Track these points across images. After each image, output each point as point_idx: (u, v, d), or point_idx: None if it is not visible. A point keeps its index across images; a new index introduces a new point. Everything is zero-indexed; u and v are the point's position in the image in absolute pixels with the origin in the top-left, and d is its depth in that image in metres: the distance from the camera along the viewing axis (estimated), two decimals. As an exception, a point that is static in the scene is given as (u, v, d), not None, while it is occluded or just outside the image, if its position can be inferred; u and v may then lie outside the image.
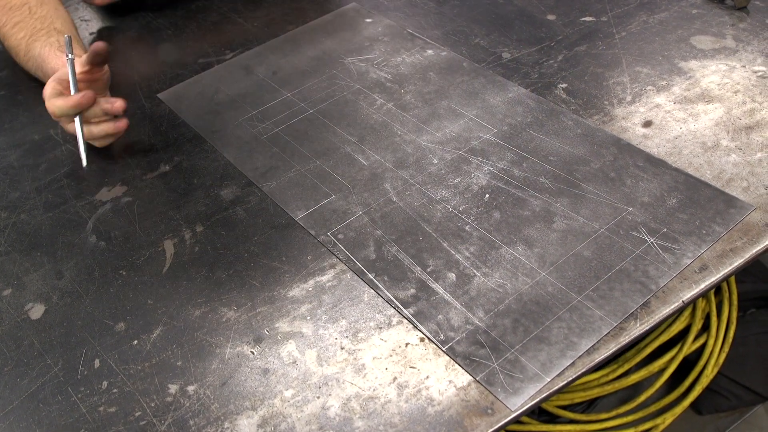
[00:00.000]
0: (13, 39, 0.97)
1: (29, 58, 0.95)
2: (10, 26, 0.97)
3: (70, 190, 0.84)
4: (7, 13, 0.98)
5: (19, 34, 0.96)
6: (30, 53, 0.95)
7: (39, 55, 0.93)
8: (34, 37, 0.94)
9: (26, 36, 0.95)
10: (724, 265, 0.65)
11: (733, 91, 0.84)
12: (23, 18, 0.96)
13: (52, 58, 0.91)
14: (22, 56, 0.97)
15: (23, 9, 0.97)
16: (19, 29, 0.96)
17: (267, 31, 1.09)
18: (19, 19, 0.96)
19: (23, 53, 0.96)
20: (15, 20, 0.96)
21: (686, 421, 1.33)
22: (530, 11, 1.04)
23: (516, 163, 0.78)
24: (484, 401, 0.58)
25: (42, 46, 0.93)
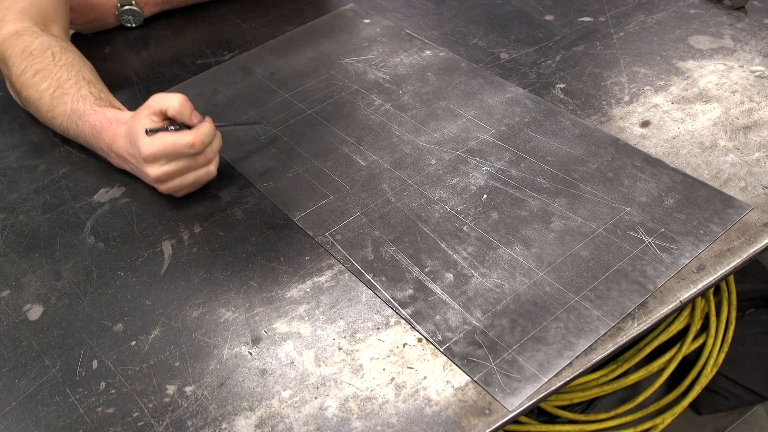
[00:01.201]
0: (34, 90, 0.85)
1: (56, 114, 0.84)
2: (30, 74, 0.85)
3: (69, 191, 0.84)
4: (26, 59, 0.86)
5: (42, 85, 0.84)
6: (58, 108, 0.84)
7: (73, 111, 0.82)
8: (61, 90, 0.83)
9: (51, 87, 0.84)
10: (721, 265, 0.65)
11: (730, 91, 0.84)
12: (46, 65, 0.85)
13: (91, 113, 0.80)
14: (45, 111, 0.85)
15: (46, 54, 0.86)
16: (41, 78, 0.85)
17: (265, 32, 1.09)
18: (42, 67, 0.85)
19: (47, 107, 0.85)
20: (36, 67, 0.85)
21: (685, 421, 1.33)
22: (528, 12, 1.04)
23: (514, 163, 0.79)
24: (481, 401, 0.58)
25: (74, 100, 0.82)
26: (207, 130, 0.74)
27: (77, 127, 0.82)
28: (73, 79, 0.84)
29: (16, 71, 0.87)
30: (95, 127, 0.80)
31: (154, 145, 0.72)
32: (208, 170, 0.77)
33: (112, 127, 0.78)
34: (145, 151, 0.72)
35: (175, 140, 0.72)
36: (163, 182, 0.76)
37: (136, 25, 1.13)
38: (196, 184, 0.78)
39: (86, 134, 0.82)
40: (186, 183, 0.76)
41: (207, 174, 0.77)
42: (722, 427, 1.34)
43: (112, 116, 0.79)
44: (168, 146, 0.72)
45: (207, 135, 0.74)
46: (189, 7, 1.17)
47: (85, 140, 0.84)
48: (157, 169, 0.74)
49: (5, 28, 0.89)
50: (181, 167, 0.74)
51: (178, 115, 0.73)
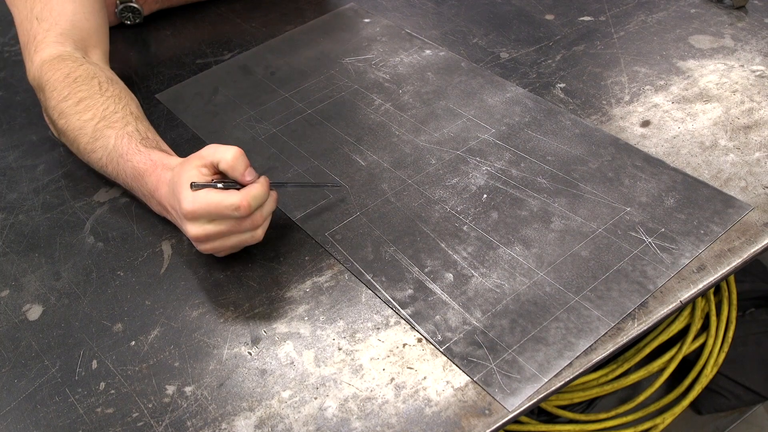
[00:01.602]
0: (76, 119, 0.78)
1: (96, 148, 0.77)
2: (73, 102, 0.78)
3: (68, 191, 0.84)
4: (70, 85, 0.79)
5: (86, 114, 0.77)
6: (99, 141, 0.76)
7: (115, 148, 0.75)
8: (106, 123, 0.76)
9: (95, 118, 0.77)
10: (722, 265, 0.65)
11: (731, 91, 0.84)
12: (92, 94, 0.79)
13: (135, 153, 0.73)
14: (84, 142, 0.78)
15: (92, 83, 0.80)
16: (85, 108, 0.78)
17: (265, 31, 1.09)
18: (87, 95, 0.79)
19: (88, 139, 0.77)
20: (81, 95, 0.79)
21: (686, 421, 1.33)
22: (528, 11, 1.04)
23: (514, 163, 0.78)
24: (481, 402, 0.58)
25: (118, 135, 0.75)
26: (257, 193, 0.66)
27: (117, 165, 0.75)
28: (120, 112, 0.78)
29: (57, 97, 0.80)
30: (138, 170, 0.73)
31: (197, 203, 0.65)
32: (254, 235, 0.69)
33: (156, 171, 0.71)
34: (186, 207, 0.65)
35: (219, 200, 0.64)
36: (202, 242, 0.68)
37: (136, 22, 1.12)
38: (239, 248, 0.71)
39: (127, 175, 0.75)
40: (227, 245, 0.69)
41: (252, 238, 0.69)
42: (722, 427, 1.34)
43: (158, 160, 0.72)
44: (211, 206, 0.64)
45: (256, 198, 0.66)
46: (189, 7, 1.17)
47: (124, 181, 0.77)
48: (198, 228, 0.66)
49: (46, 51, 0.83)
50: (223, 229, 0.67)
51: (230, 170, 0.66)
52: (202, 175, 0.66)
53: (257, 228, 0.68)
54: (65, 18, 0.85)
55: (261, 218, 0.68)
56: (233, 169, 0.66)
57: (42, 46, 0.84)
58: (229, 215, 0.65)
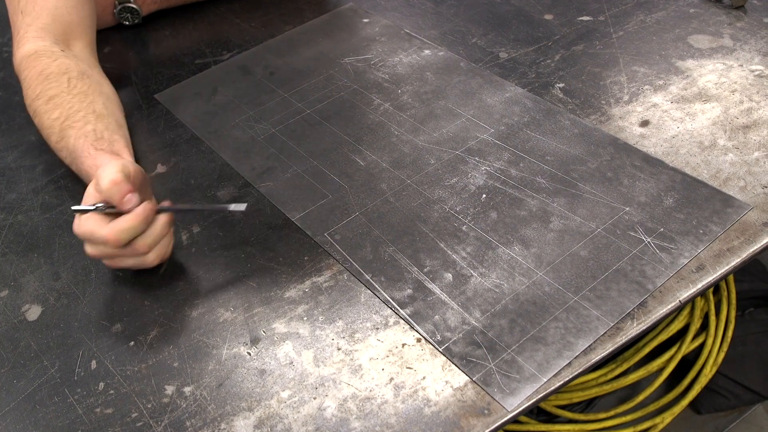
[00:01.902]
0: (47, 118, 0.79)
1: (62, 147, 0.78)
2: (44, 100, 0.79)
3: (67, 191, 0.84)
4: (42, 83, 0.80)
5: (54, 113, 0.78)
6: (63, 141, 0.77)
7: (73, 148, 0.75)
8: (69, 122, 0.77)
9: (61, 117, 0.78)
10: (721, 265, 0.65)
11: (730, 91, 0.84)
12: (60, 92, 0.79)
13: (86, 157, 0.73)
14: (54, 141, 0.79)
15: (61, 80, 0.80)
16: (54, 106, 0.78)
17: (264, 31, 1.09)
18: (56, 93, 0.79)
19: (56, 138, 0.78)
20: (51, 93, 0.79)
21: (685, 421, 1.33)
22: (527, 11, 1.04)
23: (513, 163, 0.78)
24: (480, 402, 0.58)
25: (77, 136, 0.75)
26: (126, 226, 0.64)
27: (77, 167, 0.77)
28: (82, 111, 0.78)
29: (31, 95, 0.81)
30: (88, 174, 0.73)
31: (79, 227, 0.65)
32: (144, 260, 0.68)
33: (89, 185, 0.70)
34: (74, 229, 0.66)
35: (92, 229, 0.64)
36: (101, 258, 0.68)
37: (135, 23, 1.12)
38: (141, 266, 0.69)
39: (83, 177, 0.75)
40: (126, 265, 0.69)
41: (142, 263, 0.68)
42: (722, 427, 1.34)
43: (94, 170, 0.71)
44: (86, 233, 0.65)
45: (125, 231, 0.64)
46: (188, 7, 1.17)
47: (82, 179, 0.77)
48: (89, 248, 0.67)
49: (25, 46, 0.84)
50: (109, 253, 0.66)
51: (107, 198, 0.65)
52: (90, 196, 0.66)
53: (143, 255, 0.67)
54: (47, 11, 0.87)
55: (144, 247, 0.66)
56: (109, 198, 0.65)
57: (23, 42, 0.85)
58: (104, 245, 0.65)
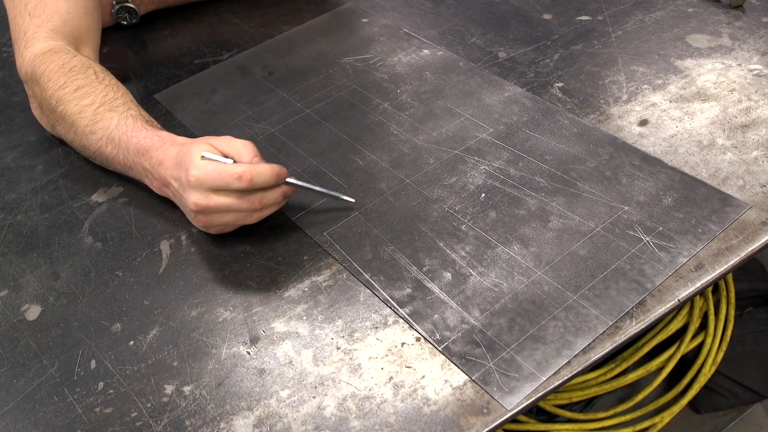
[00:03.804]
0: (75, 104, 0.80)
1: (96, 129, 0.79)
2: (71, 89, 0.81)
3: (67, 191, 0.84)
4: (66, 75, 0.82)
5: (85, 100, 0.80)
6: (100, 123, 0.78)
7: (118, 127, 0.77)
8: (107, 107, 0.79)
9: (94, 103, 0.79)
10: (719, 264, 0.65)
11: (729, 90, 0.84)
12: (89, 82, 0.81)
13: (142, 130, 0.76)
14: (83, 125, 0.80)
15: (88, 72, 0.82)
16: (84, 94, 0.80)
17: (263, 31, 1.09)
18: (84, 83, 0.81)
19: (87, 122, 0.79)
20: (78, 83, 0.81)
21: (684, 420, 1.33)
22: (526, 11, 1.04)
23: (512, 162, 0.78)
24: (479, 400, 0.58)
25: (122, 117, 0.78)
26: (261, 170, 0.68)
27: (119, 144, 0.77)
28: (120, 99, 0.80)
29: (53, 86, 0.82)
30: (143, 146, 0.75)
31: (203, 170, 0.67)
32: (251, 216, 0.71)
33: (164, 147, 0.73)
34: (194, 173, 0.67)
35: (224, 168, 0.67)
36: (201, 213, 0.70)
37: (133, 22, 1.12)
38: (233, 226, 0.73)
39: (129, 152, 0.76)
40: (223, 221, 0.71)
41: (248, 219, 0.71)
42: (721, 426, 1.34)
43: (167, 137, 0.75)
44: (215, 172, 0.67)
45: (259, 174, 0.67)
46: (187, 7, 1.17)
47: (123, 161, 0.78)
48: (200, 197, 0.68)
49: (37, 45, 0.85)
50: (224, 202, 0.68)
51: (238, 157, 0.69)
52: (212, 151, 0.69)
53: (255, 211, 0.70)
54: (58, 15, 0.87)
55: (259, 202, 0.69)
56: (240, 156, 0.69)
57: (33, 41, 0.86)
58: (231, 185, 0.67)
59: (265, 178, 0.68)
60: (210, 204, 0.68)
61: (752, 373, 1.32)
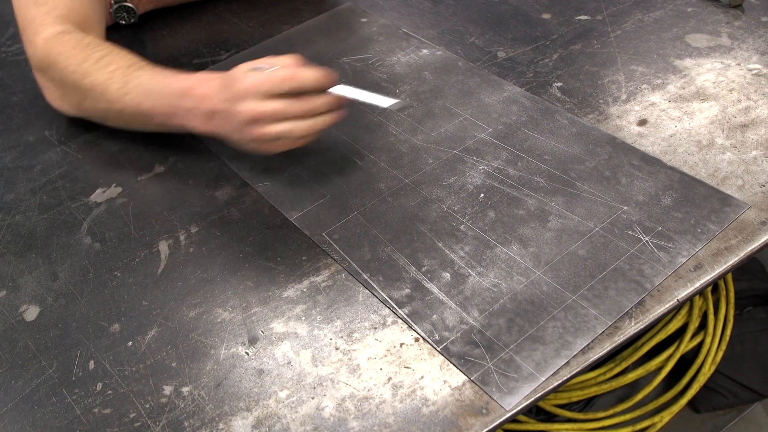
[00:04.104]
0: (102, 72, 0.81)
1: (131, 88, 0.80)
2: (93, 61, 0.82)
3: (65, 191, 0.84)
4: (85, 50, 0.83)
5: (110, 67, 0.82)
6: (133, 83, 0.80)
7: (152, 80, 0.80)
8: (135, 68, 0.81)
9: (121, 67, 0.81)
10: (719, 264, 0.65)
11: (728, 90, 0.84)
12: (108, 53, 0.83)
13: (178, 76, 0.79)
14: (116, 88, 0.81)
15: (105, 44, 0.85)
16: (107, 63, 0.82)
17: (262, 31, 1.09)
18: (105, 53, 0.83)
19: (119, 84, 0.80)
20: (99, 55, 0.83)
21: (684, 420, 1.33)
22: (525, 10, 1.04)
23: (511, 162, 0.78)
24: (478, 401, 0.58)
25: (155, 72, 0.81)
26: (307, 71, 0.72)
27: (158, 95, 0.79)
28: (144, 61, 0.83)
29: (75, 62, 0.83)
30: (183, 89, 0.77)
31: (251, 79, 0.71)
32: (301, 126, 0.73)
33: (205, 82, 0.76)
34: (243, 84, 0.71)
35: (271, 72, 0.71)
36: (254, 123, 0.72)
37: (131, 22, 1.12)
38: (285, 142, 0.74)
39: (170, 98, 0.78)
40: (276, 131, 0.72)
41: (299, 129, 0.73)
42: (720, 425, 1.34)
43: (206, 74, 0.78)
44: (263, 77, 0.71)
45: (306, 74, 0.72)
46: (185, 6, 1.16)
47: (163, 109, 0.79)
48: (252, 104, 0.71)
49: (47, 30, 0.86)
50: (274, 107, 0.71)
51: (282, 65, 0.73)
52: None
53: (307, 117, 0.73)
54: (63, 3, 0.88)
55: (308, 105, 0.72)
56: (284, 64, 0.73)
57: (42, 27, 0.86)
58: (279, 86, 0.71)
59: (311, 79, 0.72)
60: (261, 110, 0.71)
61: (752, 373, 1.32)
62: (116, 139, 0.89)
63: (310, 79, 0.72)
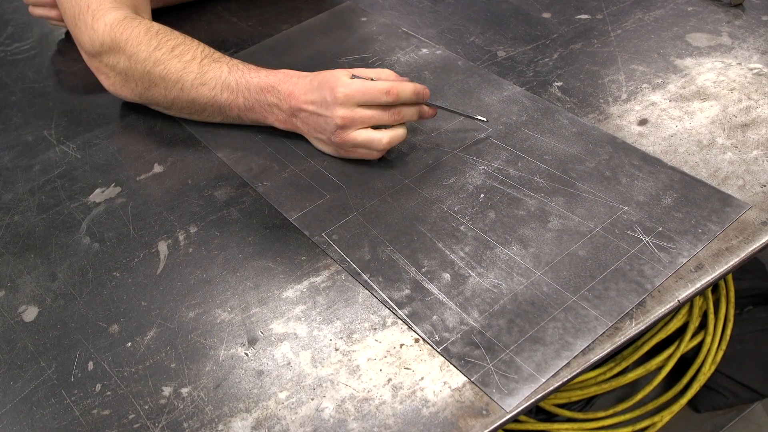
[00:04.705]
0: (177, 62, 0.82)
1: (208, 79, 0.81)
2: (167, 50, 0.83)
3: (64, 191, 0.84)
4: (156, 37, 0.83)
5: (186, 56, 0.82)
6: (210, 74, 0.81)
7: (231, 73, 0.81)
8: (210, 59, 0.82)
9: (196, 58, 0.82)
10: (719, 264, 0.65)
11: (728, 89, 0.84)
12: (182, 41, 0.84)
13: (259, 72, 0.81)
14: (191, 79, 0.82)
15: (175, 33, 0.85)
16: (182, 52, 0.83)
17: (261, 30, 1.09)
18: (178, 43, 0.83)
19: (195, 75, 0.82)
20: (172, 44, 0.83)
21: (684, 419, 1.33)
22: (525, 9, 1.04)
23: (511, 162, 0.78)
24: (479, 402, 0.58)
25: (232, 65, 0.82)
26: (405, 86, 0.75)
27: (237, 87, 0.81)
28: (218, 53, 0.84)
29: (147, 48, 0.83)
30: (267, 83, 0.80)
31: (352, 87, 0.74)
32: (390, 134, 0.77)
33: (291, 80, 0.79)
34: (342, 90, 0.74)
35: (372, 84, 0.74)
36: (345, 127, 0.76)
37: None
38: (370, 144, 0.77)
39: (250, 92, 0.81)
40: (364, 138, 0.76)
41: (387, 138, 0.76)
42: (721, 425, 1.34)
43: (290, 72, 0.80)
44: (365, 88, 0.74)
45: (404, 90, 0.75)
46: (185, 6, 1.16)
47: (241, 103, 0.82)
48: (346, 111, 0.75)
49: (109, 15, 0.85)
50: (368, 114, 0.75)
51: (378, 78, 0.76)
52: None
53: (396, 123, 0.77)
54: None
55: (399, 114, 0.76)
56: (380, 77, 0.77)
57: (101, 13, 0.86)
58: (377, 99, 0.74)
59: (408, 94, 0.75)
60: (356, 116, 0.75)
61: (752, 372, 1.32)
62: (115, 139, 0.89)
63: (409, 93, 0.76)
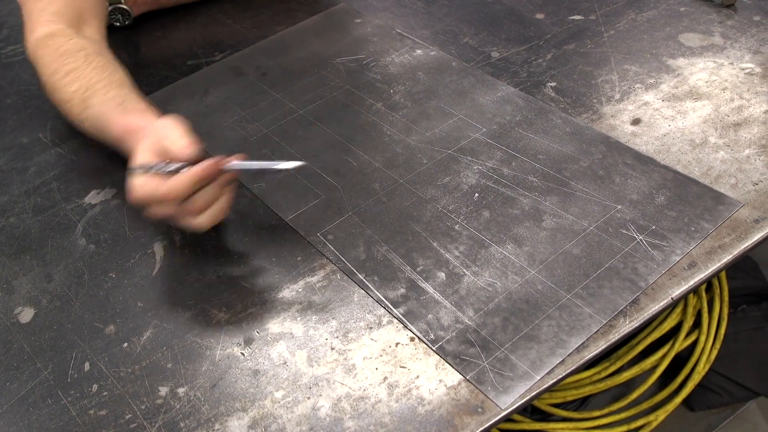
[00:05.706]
0: (65, 91, 0.81)
1: (86, 117, 0.80)
2: (61, 75, 0.81)
3: (60, 193, 0.84)
4: (58, 59, 0.82)
5: (72, 86, 0.80)
6: (86, 111, 0.80)
7: (98, 114, 0.78)
8: (89, 92, 0.79)
9: (80, 89, 0.80)
10: (712, 262, 0.66)
11: (721, 89, 0.84)
12: (77, 66, 0.81)
13: (116, 120, 0.76)
14: (76, 114, 0.81)
15: (78, 56, 0.82)
16: (72, 79, 0.81)
17: (256, 32, 1.09)
18: (73, 67, 0.81)
19: (78, 110, 0.81)
20: (68, 68, 0.81)
21: (678, 418, 1.33)
22: (519, 10, 1.04)
23: (505, 161, 0.79)
24: (474, 400, 0.58)
25: (100, 102, 0.78)
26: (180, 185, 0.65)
27: (103, 133, 0.79)
28: (103, 81, 0.80)
29: (47, 72, 0.83)
30: (119, 137, 0.76)
31: (139, 192, 0.67)
32: (193, 222, 0.69)
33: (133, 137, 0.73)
34: (133, 194, 0.67)
35: (154, 189, 0.66)
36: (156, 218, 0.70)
37: (126, 24, 1.12)
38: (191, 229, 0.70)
39: (113, 135, 0.77)
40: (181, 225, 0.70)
41: (192, 226, 0.69)
42: (715, 424, 1.34)
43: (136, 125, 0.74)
44: (147, 195, 0.66)
45: (178, 191, 0.65)
46: (179, 8, 1.16)
47: (111, 142, 0.79)
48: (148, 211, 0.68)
49: (38, 31, 0.86)
50: (164, 212, 0.68)
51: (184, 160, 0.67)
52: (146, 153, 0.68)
53: (193, 216, 0.68)
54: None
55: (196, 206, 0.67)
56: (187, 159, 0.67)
57: (36, 26, 0.87)
58: (162, 203, 0.66)
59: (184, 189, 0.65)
60: (161, 214, 0.68)
61: (746, 371, 1.32)
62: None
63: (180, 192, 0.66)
